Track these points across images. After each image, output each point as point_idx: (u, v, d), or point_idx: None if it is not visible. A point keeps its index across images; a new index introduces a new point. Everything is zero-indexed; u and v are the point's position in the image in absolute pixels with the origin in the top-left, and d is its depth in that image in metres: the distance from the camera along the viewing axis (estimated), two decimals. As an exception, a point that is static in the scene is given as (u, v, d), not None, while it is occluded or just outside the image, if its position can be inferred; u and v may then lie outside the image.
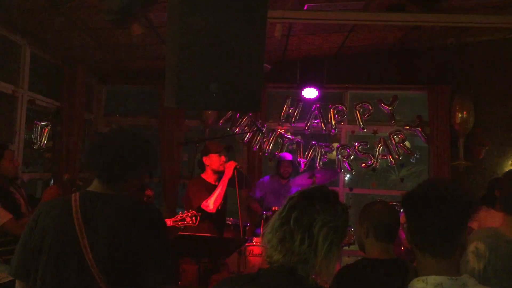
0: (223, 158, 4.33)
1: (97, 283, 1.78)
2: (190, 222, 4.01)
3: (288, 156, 6.15)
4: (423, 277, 1.52)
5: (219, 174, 4.33)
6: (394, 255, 2.38)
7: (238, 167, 4.28)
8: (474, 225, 4.87)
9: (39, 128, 5.73)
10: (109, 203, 1.90)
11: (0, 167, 3.59)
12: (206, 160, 4.33)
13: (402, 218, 2.01)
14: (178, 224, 4.01)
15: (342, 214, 1.56)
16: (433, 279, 1.50)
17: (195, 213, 4.02)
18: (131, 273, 1.83)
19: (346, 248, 5.65)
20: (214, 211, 4.09)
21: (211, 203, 4.08)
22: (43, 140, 5.71)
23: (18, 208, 3.56)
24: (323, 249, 1.49)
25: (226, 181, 4.17)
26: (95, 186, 1.97)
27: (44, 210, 1.93)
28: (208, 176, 4.35)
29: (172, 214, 6.62)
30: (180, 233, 3.72)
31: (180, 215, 4.04)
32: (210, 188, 4.21)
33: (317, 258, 1.49)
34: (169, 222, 4.00)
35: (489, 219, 4.37)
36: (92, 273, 1.78)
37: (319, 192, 1.61)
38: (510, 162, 6.33)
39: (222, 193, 4.13)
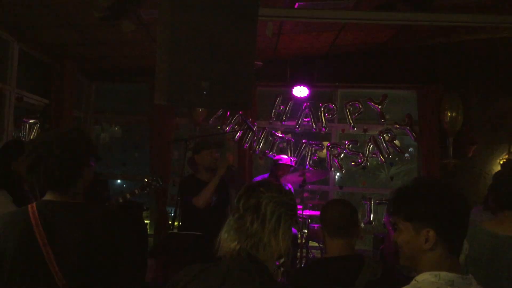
0: (215, 155, 4.32)
1: None
2: (157, 184, 4.05)
3: (288, 160, 6.12)
4: (436, 272, 1.51)
5: (212, 171, 4.32)
6: (353, 252, 2.39)
7: (231, 165, 4.28)
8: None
9: (27, 125, 5.67)
10: (71, 212, 1.83)
11: (18, 166, 3.56)
12: (197, 158, 4.32)
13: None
14: (146, 191, 4.04)
15: (287, 193, 1.65)
16: (445, 275, 1.50)
17: (156, 176, 4.08)
18: (99, 281, 1.80)
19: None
20: (203, 207, 4.07)
21: (200, 200, 4.07)
22: (31, 138, 5.64)
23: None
24: (270, 223, 1.56)
25: (218, 179, 4.16)
26: (49, 194, 1.88)
27: (1, 223, 1.85)
28: (201, 175, 4.35)
29: (163, 212, 6.64)
30: (170, 231, 3.71)
31: (145, 181, 4.07)
32: (203, 186, 4.20)
33: (265, 233, 1.56)
34: (136, 191, 4.04)
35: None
36: (59, 285, 1.74)
37: (262, 181, 1.72)
38: (498, 161, 6.39)
39: (212, 190, 4.11)
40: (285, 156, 6.22)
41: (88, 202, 1.96)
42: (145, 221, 6.82)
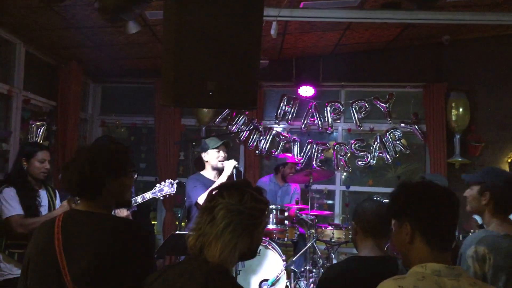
0: (222, 154, 4.32)
1: None
2: (169, 190, 4.03)
3: (294, 159, 6.11)
4: (422, 264, 1.58)
5: (218, 170, 4.32)
6: (383, 253, 2.37)
7: (237, 166, 4.27)
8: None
9: (34, 127, 5.70)
10: (90, 222, 1.89)
11: (30, 166, 3.59)
12: (205, 156, 4.33)
13: None
14: (157, 195, 4.03)
15: (247, 202, 1.70)
16: (432, 265, 1.56)
17: (171, 180, 4.05)
18: None
19: (343, 246, 5.67)
20: None
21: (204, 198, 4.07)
22: (38, 140, 5.67)
23: (34, 208, 3.54)
24: (218, 227, 1.64)
25: (225, 178, 4.16)
26: (81, 203, 1.98)
27: (36, 231, 1.98)
28: (208, 173, 4.36)
29: (170, 213, 6.66)
30: (175, 232, 3.71)
31: (158, 186, 4.06)
32: (209, 184, 4.20)
33: (211, 235, 1.64)
34: (147, 195, 4.02)
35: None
36: None
37: (233, 184, 1.84)
38: (505, 159, 6.35)
39: None
40: (290, 155, 6.22)
41: (110, 212, 2.05)
42: (152, 222, 6.84)
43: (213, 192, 1.76)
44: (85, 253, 1.81)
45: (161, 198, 4.14)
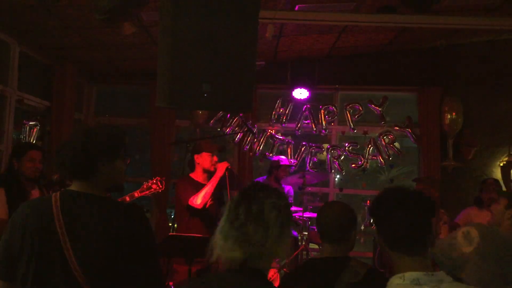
0: (215, 158, 4.31)
1: (81, 284, 1.75)
2: (157, 188, 4.02)
3: (286, 160, 6.13)
4: (400, 274, 1.57)
5: (209, 173, 4.30)
6: (340, 254, 2.37)
7: (230, 167, 4.26)
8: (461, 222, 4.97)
9: (27, 128, 5.67)
10: (91, 203, 1.86)
11: (21, 166, 3.57)
12: (197, 158, 4.30)
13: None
14: (146, 193, 4.02)
15: (282, 196, 1.65)
16: (409, 274, 1.55)
17: (159, 178, 4.04)
18: (115, 274, 1.79)
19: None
20: (200, 207, 4.06)
21: (198, 199, 4.05)
22: (31, 140, 5.64)
23: None
24: (274, 231, 1.54)
25: (217, 180, 4.15)
26: (74, 185, 1.94)
27: (25, 211, 1.89)
28: (198, 175, 4.32)
29: (163, 214, 6.64)
30: (170, 233, 3.71)
31: (145, 184, 4.05)
32: (199, 187, 4.19)
33: (269, 241, 1.53)
34: (136, 194, 4.01)
35: (478, 219, 4.44)
36: (75, 274, 1.75)
37: (256, 185, 1.69)
38: (498, 163, 6.39)
39: (211, 191, 4.10)
40: (283, 157, 6.23)
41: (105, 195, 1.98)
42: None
43: (245, 197, 1.63)
44: (90, 236, 1.78)
45: (150, 195, 4.13)
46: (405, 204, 1.68)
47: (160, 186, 4.03)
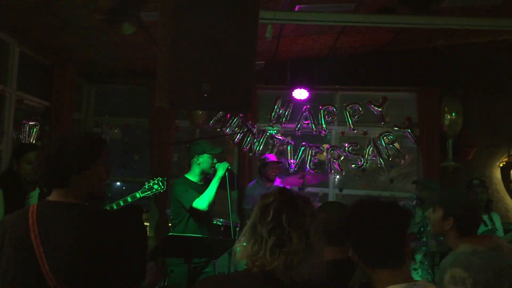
0: (215, 160, 4.31)
1: None
2: (160, 188, 4.00)
3: (273, 157, 6.10)
4: None
5: (206, 175, 4.30)
6: (342, 255, 2.36)
7: (230, 167, 4.26)
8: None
9: (27, 128, 5.67)
10: (65, 213, 1.85)
11: (19, 168, 3.57)
12: (198, 159, 4.29)
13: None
14: (148, 194, 4.01)
15: (311, 203, 1.67)
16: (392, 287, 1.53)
17: (161, 178, 4.03)
18: (89, 283, 1.79)
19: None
20: (207, 209, 4.07)
21: (204, 202, 4.05)
22: (31, 140, 5.64)
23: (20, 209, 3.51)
24: (316, 240, 1.57)
25: (219, 180, 4.15)
26: (52, 194, 1.93)
27: (5, 224, 1.91)
28: (194, 176, 4.31)
29: (163, 214, 6.64)
30: (169, 234, 3.71)
31: (147, 184, 4.04)
32: (197, 188, 4.18)
33: (314, 250, 1.55)
34: (138, 194, 4.00)
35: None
36: (49, 285, 1.75)
37: (291, 193, 1.69)
38: (498, 164, 6.39)
39: (214, 192, 4.11)
40: (270, 154, 6.18)
41: (88, 204, 1.96)
42: (145, 224, 6.82)
43: (282, 206, 1.61)
44: (63, 246, 1.77)
45: (151, 196, 4.12)
46: (379, 218, 1.66)
47: (162, 187, 4.02)
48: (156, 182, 4.05)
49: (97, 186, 1.98)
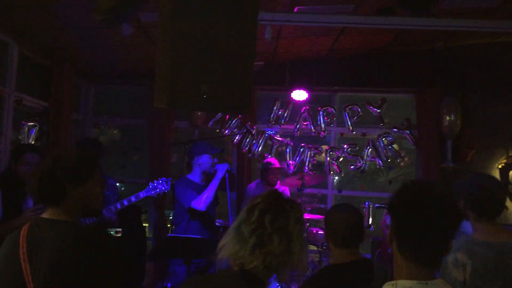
0: (215, 159, 4.32)
1: None
2: (163, 188, 4.00)
3: (277, 163, 6.11)
4: (393, 281, 1.50)
5: (207, 175, 4.31)
6: (358, 257, 2.37)
7: (229, 169, 4.26)
8: None
9: (26, 128, 5.66)
10: (52, 230, 1.87)
11: (17, 168, 3.56)
12: (198, 159, 4.30)
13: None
14: (152, 193, 4.00)
15: (300, 208, 1.67)
16: (402, 282, 1.47)
17: (165, 178, 4.03)
18: None
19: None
20: (204, 209, 4.07)
21: (202, 202, 4.05)
22: (30, 141, 5.63)
23: (20, 211, 3.49)
24: (297, 245, 1.57)
25: (218, 181, 4.15)
26: (46, 212, 1.95)
27: (5, 240, 1.95)
28: (195, 176, 4.33)
29: (162, 215, 6.64)
30: (169, 234, 3.71)
31: (151, 184, 4.03)
32: (197, 188, 4.19)
33: (295, 254, 1.56)
34: (142, 194, 3.99)
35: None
36: None
37: (278, 193, 1.71)
38: (496, 165, 6.40)
39: (213, 192, 4.11)
40: (273, 160, 6.20)
41: (76, 220, 1.98)
42: (144, 224, 6.81)
43: (273, 207, 1.63)
44: (46, 261, 1.79)
45: (155, 196, 4.11)
46: (430, 209, 1.48)
47: (166, 187, 4.02)
48: (160, 182, 4.04)
49: (91, 201, 2.00)
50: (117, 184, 4.50)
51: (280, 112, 6.73)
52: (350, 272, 2.27)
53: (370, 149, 6.59)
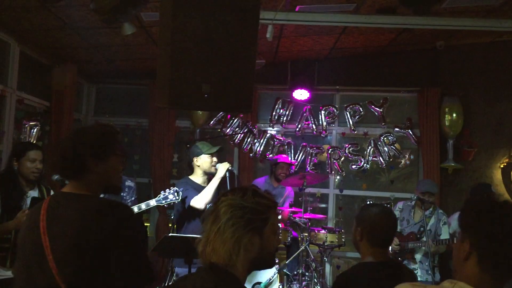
0: (215, 159, 4.31)
1: (58, 283, 1.76)
2: (174, 198, 4.00)
3: (286, 158, 6.11)
4: (454, 280, 1.48)
5: (209, 175, 4.30)
6: (388, 258, 2.41)
7: (230, 168, 4.25)
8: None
9: (27, 128, 5.67)
10: (72, 203, 1.88)
11: (21, 167, 3.56)
12: (197, 161, 4.30)
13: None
14: (162, 203, 4.00)
15: (249, 197, 1.64)
16: (462, 285, 1.46)
17: (177, 189, 4.02)
18: (94, 274, 1.79)
19: (336, 249, 5.68)
20: (203, 207, 4.06)
21: (200, 201, 4.05)
22: (32, 140, 5.63)
23: (18, 210, 3.47)
24: (220, 223, 1.59)
25: (218, 181, 4.14)
26: (67, 186, 1.98)
27: (29, 212, 2.02)
28: (197, 177, 4.32)
29: (163, 215, 6.64)
30: (169, 234, 3.70)
31: (162, 194, 4.03)
32: (199, 188, 4.18)
33: (215, 235, 1.59)
34: (152, 202, 3.99)
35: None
36: (52, 273, 1.77)
37: (240, 187, 1.73)
38: (498, 165, 6.38)
39: (212, 191, 4.09)
40: (284, 155, 6.22)
41: (97, 195, 2.01)
42: (145, 224, 6.81)
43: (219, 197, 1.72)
44: (66, 234, 1.80)
45: (165, 205, 4.11)
46: (505, 221, 1.48)
47: (177, 197, 4.01)
48: (172, 192, 4.03)
49: (112, 177, 2.02)
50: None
51: (281, 112, 6.73)
52: (385, 272, 2.30)
53: (372, 149, 6.59)
